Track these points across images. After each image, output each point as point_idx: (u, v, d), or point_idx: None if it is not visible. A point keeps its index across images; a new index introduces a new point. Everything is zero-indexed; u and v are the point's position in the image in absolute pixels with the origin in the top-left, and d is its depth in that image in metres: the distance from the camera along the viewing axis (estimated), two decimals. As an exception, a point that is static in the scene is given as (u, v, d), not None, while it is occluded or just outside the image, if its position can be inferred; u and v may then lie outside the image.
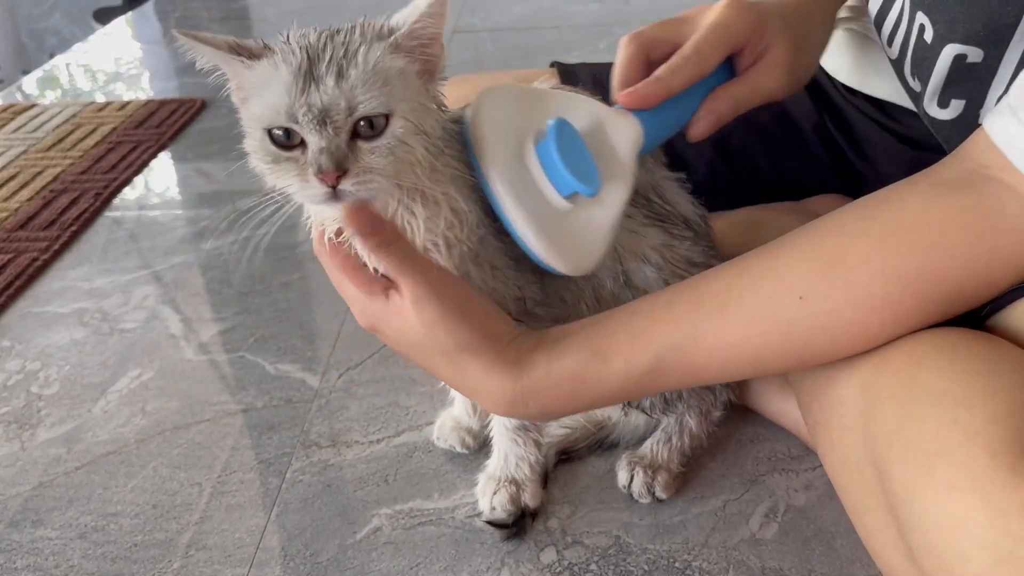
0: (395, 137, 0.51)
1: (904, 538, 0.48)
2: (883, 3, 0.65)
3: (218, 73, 0.54)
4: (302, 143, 0.51)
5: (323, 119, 0.50)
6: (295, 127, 0.51)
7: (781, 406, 0.77)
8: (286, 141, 0.51)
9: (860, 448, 0.54)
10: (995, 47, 0.55)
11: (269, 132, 0.51)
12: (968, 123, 0.59)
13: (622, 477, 0.73)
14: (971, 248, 0.50)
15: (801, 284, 0.53)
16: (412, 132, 0.52)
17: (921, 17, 0.59)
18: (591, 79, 0.84)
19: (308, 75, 0.50)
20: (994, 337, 0.53)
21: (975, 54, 0.56)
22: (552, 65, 0.92)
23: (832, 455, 0.60)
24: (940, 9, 0.57)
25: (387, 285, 0.57)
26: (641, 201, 0.63)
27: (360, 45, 0.51)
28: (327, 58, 0.50)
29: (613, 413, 0.73)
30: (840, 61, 0.88)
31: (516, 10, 2.06)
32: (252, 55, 0.52)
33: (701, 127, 0.65)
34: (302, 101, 0.50)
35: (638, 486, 0.71)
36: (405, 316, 0.56)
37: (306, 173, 0.51)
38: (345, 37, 0.52)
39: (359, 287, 0.57)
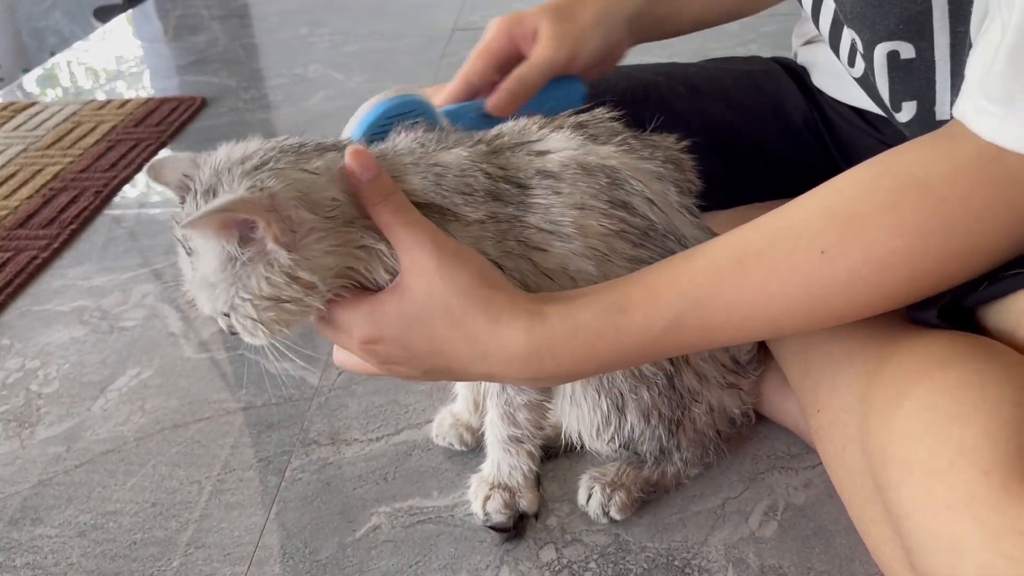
0: None
1: (907, 554, 0.48)
2: (834, 41, 0.66)
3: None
4: None
5: None
6: None
7: (780, 404, 0.77)
8: None
9: (861, 459, 0.54)
10: (921, 39, 0.54)
11: None
12: (926, 122, 0.58)
13: (581, 495, 0.71)
14: (984, 200, 0.48)
15: (821, 240, 0.51)
16: None
17: (849, 34, 0.59)
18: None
19: None
20: (986, 341, 0.52)
21: (906, 49, 0.56)
22: None
23: (835, 463, 0.59)
24: (859, 19, 0.57)
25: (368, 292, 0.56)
26: (657, 240, 0.62)
27: None
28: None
29: (603, 449, 0.70)
30: (823, 74, 0.88)
31: (516, 7, 2.05)
32: None
33: (495, 100, 0.73)
34: None
35: (595, 506, 0.70)
36: (401, 286, 0.54)
37: None
38: None
39: (353, 304, 0.56)
